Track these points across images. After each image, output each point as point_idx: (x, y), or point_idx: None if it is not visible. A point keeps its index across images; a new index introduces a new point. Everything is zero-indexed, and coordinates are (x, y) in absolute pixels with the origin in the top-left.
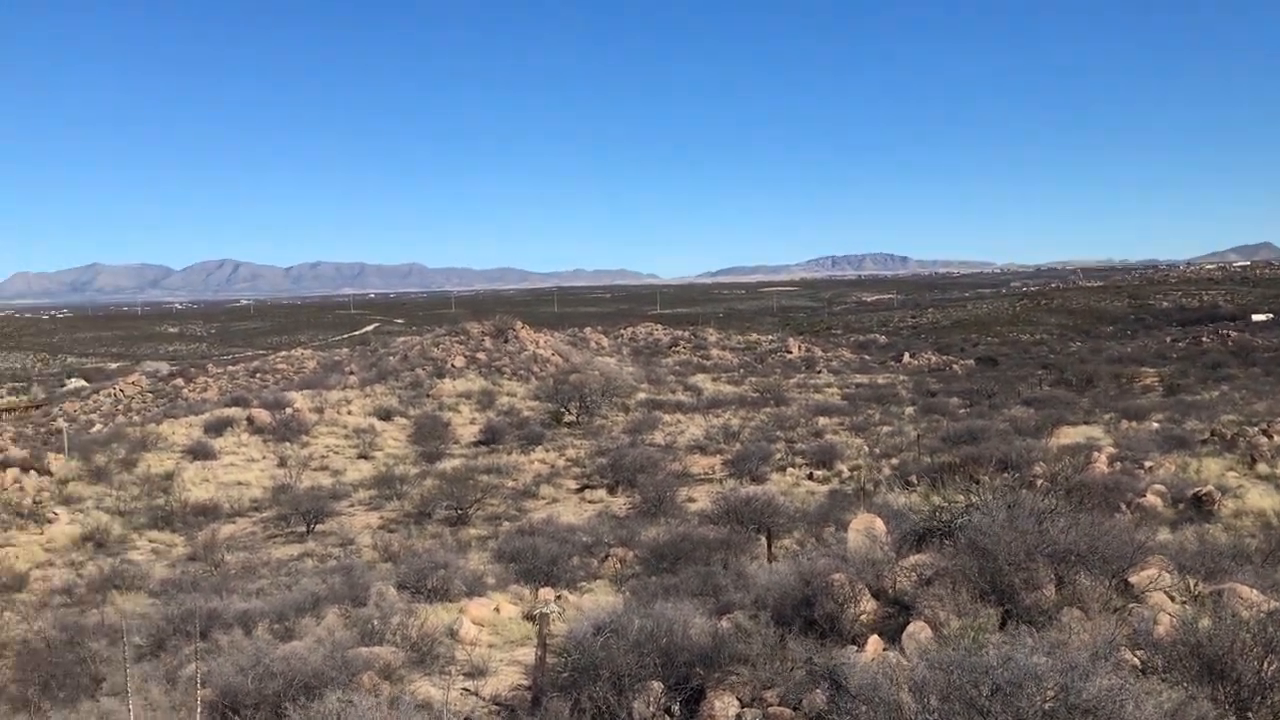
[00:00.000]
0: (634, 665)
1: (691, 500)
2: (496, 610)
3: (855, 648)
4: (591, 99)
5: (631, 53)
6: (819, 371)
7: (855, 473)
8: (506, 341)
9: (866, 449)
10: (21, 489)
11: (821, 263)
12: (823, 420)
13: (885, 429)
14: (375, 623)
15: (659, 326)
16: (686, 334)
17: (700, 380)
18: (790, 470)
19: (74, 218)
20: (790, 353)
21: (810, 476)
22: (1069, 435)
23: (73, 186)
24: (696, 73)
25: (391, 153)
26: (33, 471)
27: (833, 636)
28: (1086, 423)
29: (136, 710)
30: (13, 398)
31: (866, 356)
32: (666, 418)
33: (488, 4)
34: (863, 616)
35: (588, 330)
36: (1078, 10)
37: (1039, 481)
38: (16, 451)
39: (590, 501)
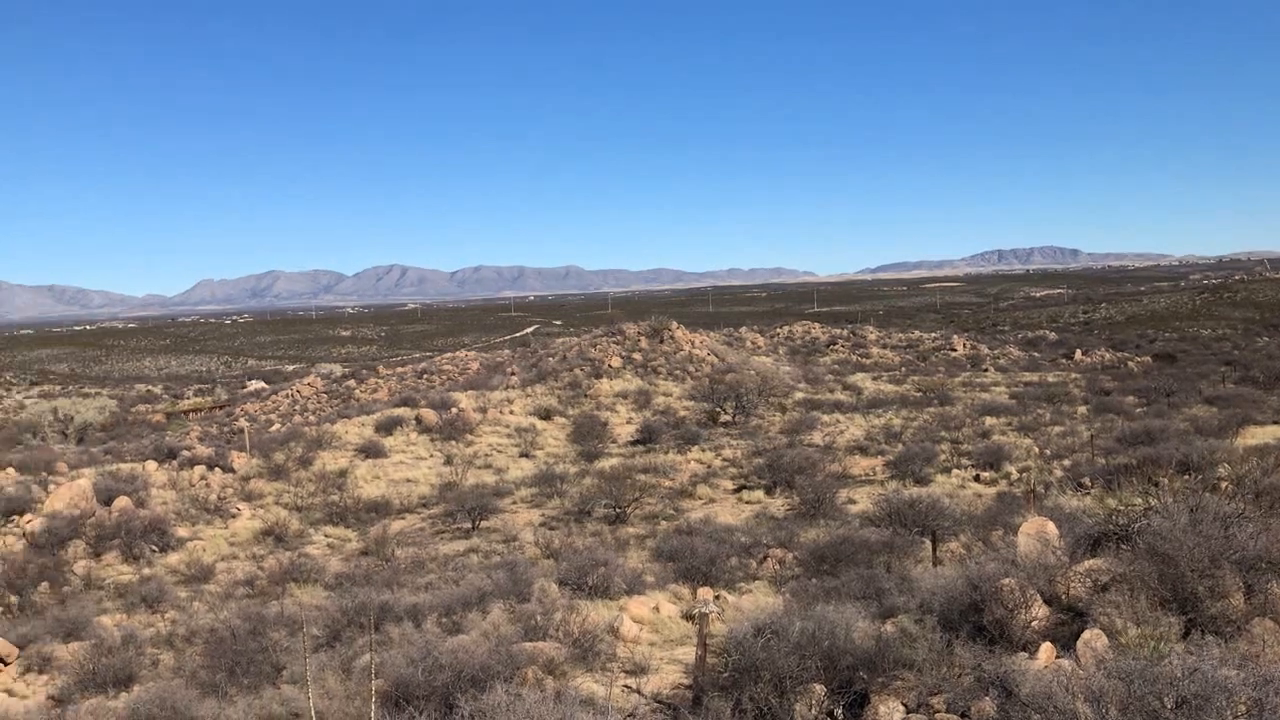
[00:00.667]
0: (795, 667)
1: (852, 502)
2: (656, 609)
3: (1026, 655)
4: (748, 97)
5: (789, 49)
6: (985, 370)
7: (1024, 474)
8: (662, 342)
9: (1036, 450)
10: (208, 485)
11: (987, 257)
12: (989, 420)
13: (1056, 429)
14: (538, 618)
15: (816, 325)
16: (845, 332)
17: (860, 379)
18: (955, 472)
19: (254, 228)
20: (954, 350)
21: (977, 478)
22: (1256, 435)
23: (253, 199)
24: (858, 68)
25: (550, 158)
26: (218, 469)
27: (1002, 643)
28: (1276, 422)
29: (315, 698)
30: (199, 398)
31: (1036, 354)
32: (825, 418)
33: (663, 9)
34: (1034, 623)
35: (743, 329)
36: None
37: (1224, 484)
38: (203, 450)
39: (747, 502)
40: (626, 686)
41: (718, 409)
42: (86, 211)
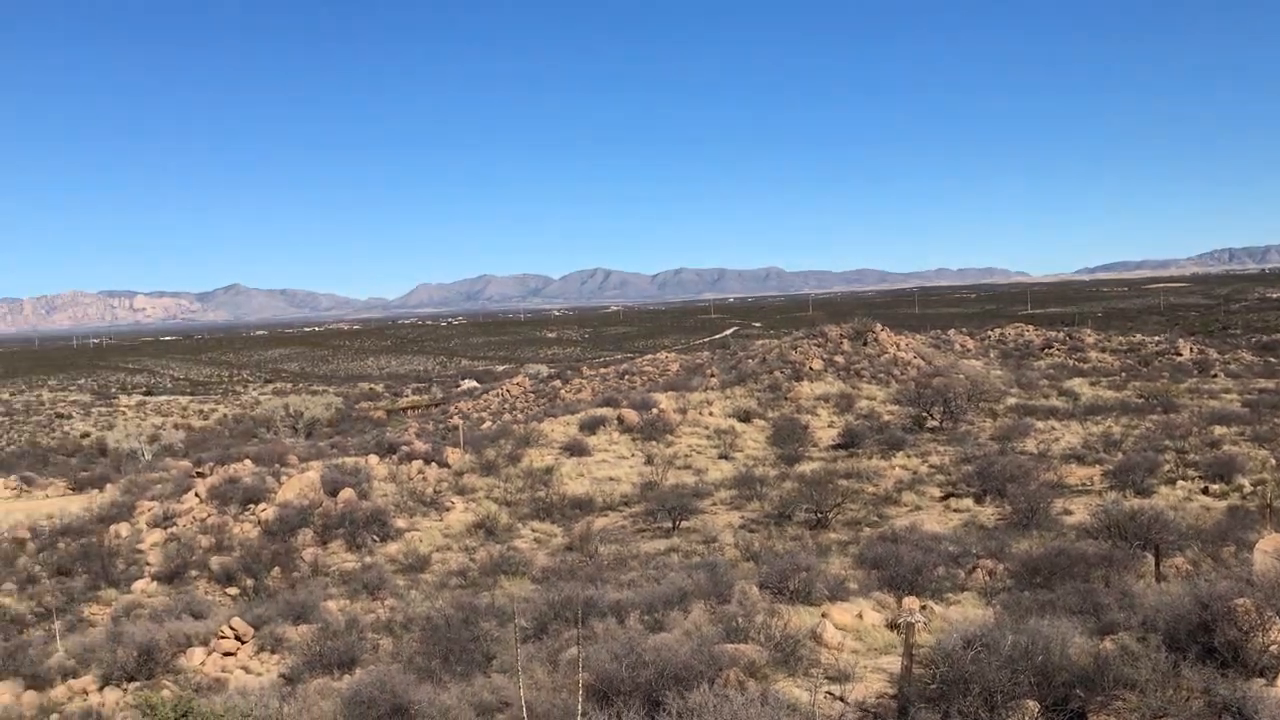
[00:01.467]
0: (1007, 682)
1: (1067, 513)
2: (859, 616)
3: (1263, 681)
4: (951, 95)
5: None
6: (1214, 375)
7: (1259, 488)
8: (865, 344)
9: (1273, 462)
10: (425, 479)
11: (1216, 256)
12: (1219, 429)
13: None
14: (739, 620)
15: (1029, 327)
16: (1060, 335)
17: (1076, 385)
18: (1181, 483)
19: (468, 234)
20: (1180, 355)
21: (1205, 491)
22: None
23: (465, 205)
24: (1080, 63)
25: (751, 160)
26: (434, 464)
27: (1235, 667)
28: None
29: (524, 689)
30: (416, 396)
31: (1272, 359)
32: (1039, 424)
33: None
34: (1272, 647)
35: (951, 332)
36: None
37: None
38: (420, 445)
39: (955, 510)
40: (830, 693)
41: (924, 413)
42: (317, 220)
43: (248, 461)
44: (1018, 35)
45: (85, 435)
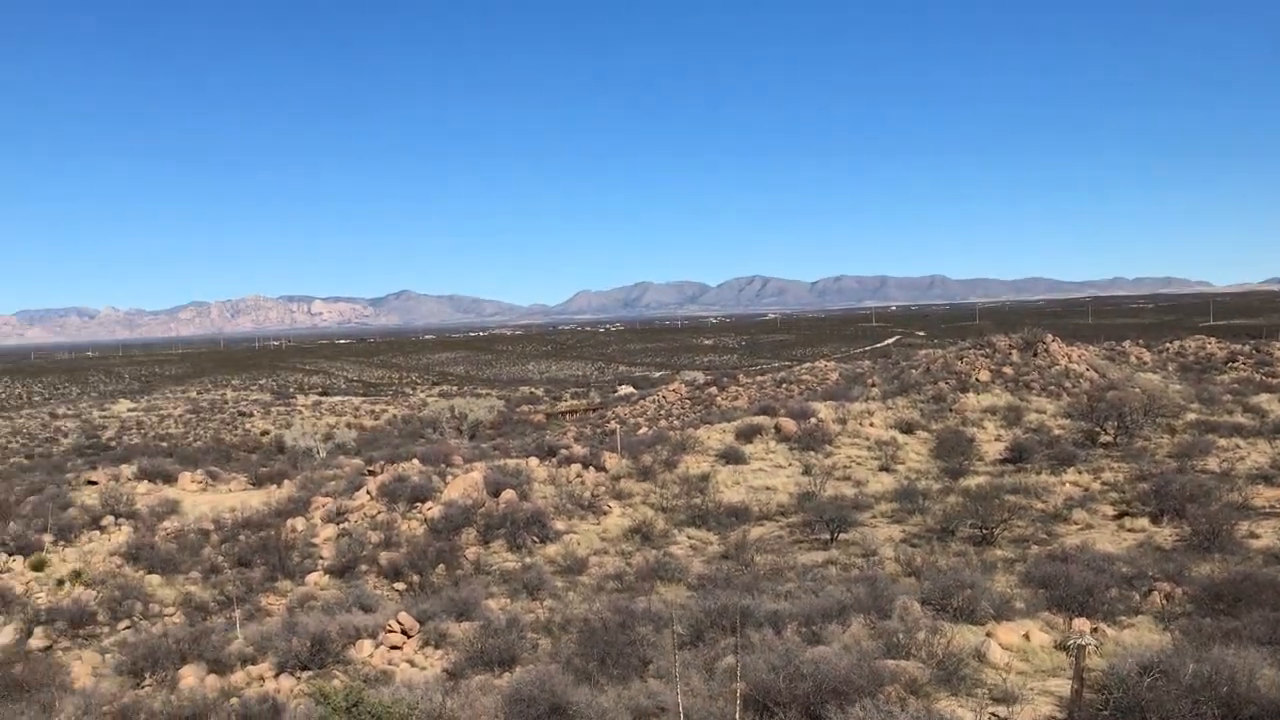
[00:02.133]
0: (1188, 712)
1: (1254, 536)
2: (1026, 637)
3: None
4: (1131, 100)
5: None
6: None
7: None
8: (1035, 355)
9: None
10: (583, 482)
11: None
12: None
13: None
14: (900, 636)
15: (1211, 339)
16: (1246, 348)
17: (1265, 401)
18: None
19: (627, 242)
20: None
21: None
22: None
23: (624, 216)
24: (1271, 62)
25: (915, 164)
26: (591, 467)
27: None
28: None
29: (681, 695)
30: (575, 401)
31: None
32: (1222, 442)
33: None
34: None
35: (1126, 343)
36: None
37: None
38: (579, 449)
39: (1130, 530)
40: (994, 715)
41: (1097, 428)
42: (484, 228)
43: (415, 461)
44: (1198, 38)
45: (265, 433)
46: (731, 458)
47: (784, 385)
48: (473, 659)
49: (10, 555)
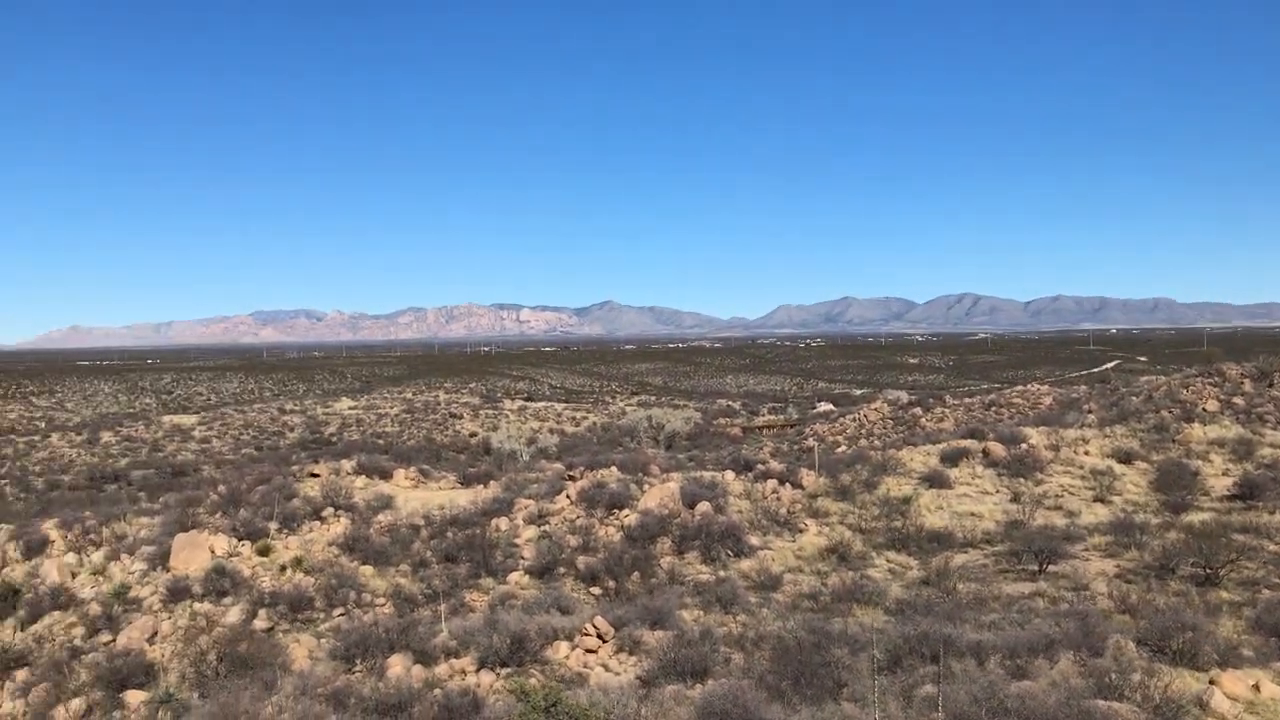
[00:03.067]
0: None
1: None
2: (1255, 687)
3: None
4: None
5: None
6: None
7: None
8: (1271, 385)
9: None
10: (779, 499)
11: None
12: None
13: None
14: (1112, 676)
15: None
16: None
17: None
18: None
19: (830, 256)
20: None
21: None
22: None
23: (828, 226)
24: None
25: (1139, 179)
26: (788, 484)
27: None
28: None
29: None
30: (772, 416)
31: None
32: None
33: None
34: None
35: None
36: None
37: None
38: (775, 465)
39: None
40: None
41: None
42: (686, 241)
43: (614, 468)
44: None
45: (473, 434)
46: (935, 481)
47: (993, 408)
48: (665, 668)
49: (240, 540)
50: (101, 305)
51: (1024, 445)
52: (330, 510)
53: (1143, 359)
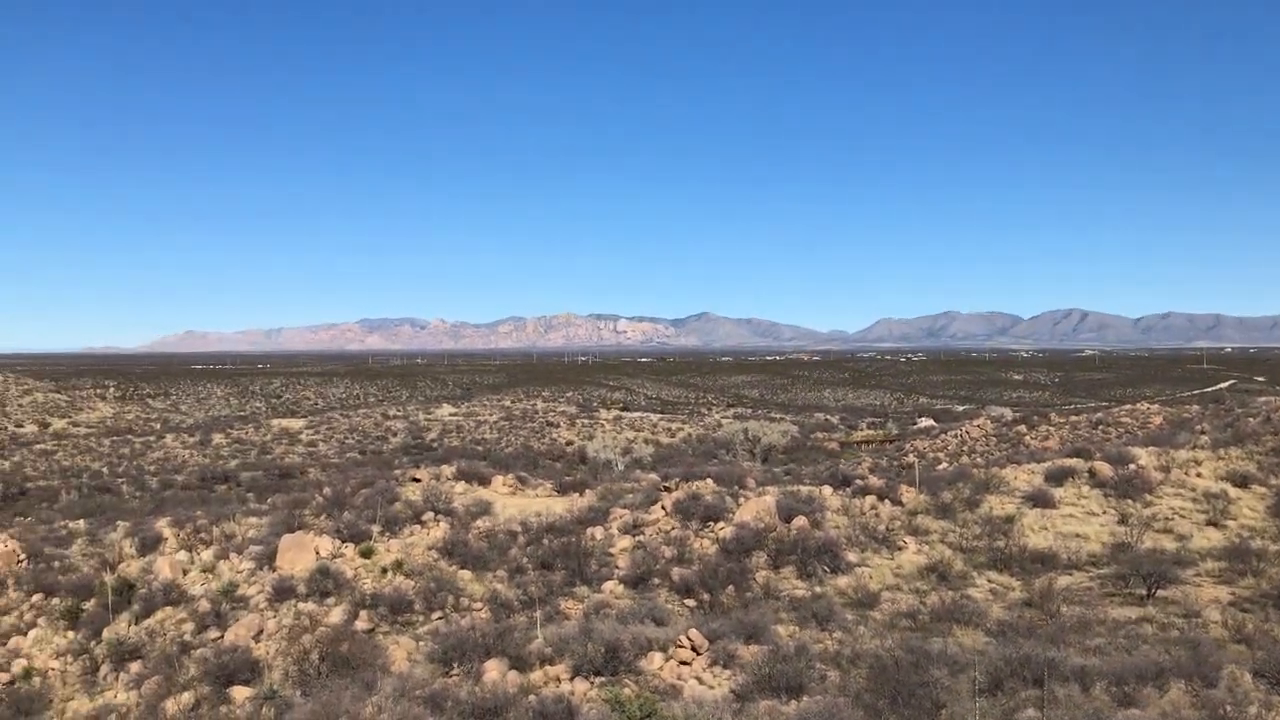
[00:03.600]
0: None
1: None
2: None
3: None
4: None
5: None
6: None
7: None
8: None
9: None
10: (877, 515)
11: None
12: None
13: None
14: (1227, 708)
15: None
16: None
17: None
18: None
19: (932, 269)
20: None
21: None
22: None
23: (930, 240)
24: None
25: (1257, 187)
26: (887, 500)
27: None
28: None
29: None
30: (871, 431)
31: None
32: None
33: None
34: None
35: None
36: None
37: None
38: (874, 480)
39: None
40: None
41: None
42: (783, 253)
43: (709, 481)
44: None
45: (569, 443)
46: (1039, 500)
47: (1100, 427)
48: (760, 683)
49: (344, 542)
50: (215, 311)
51: (1132, 466)
52: (430, 515)
53: (1260, 379)
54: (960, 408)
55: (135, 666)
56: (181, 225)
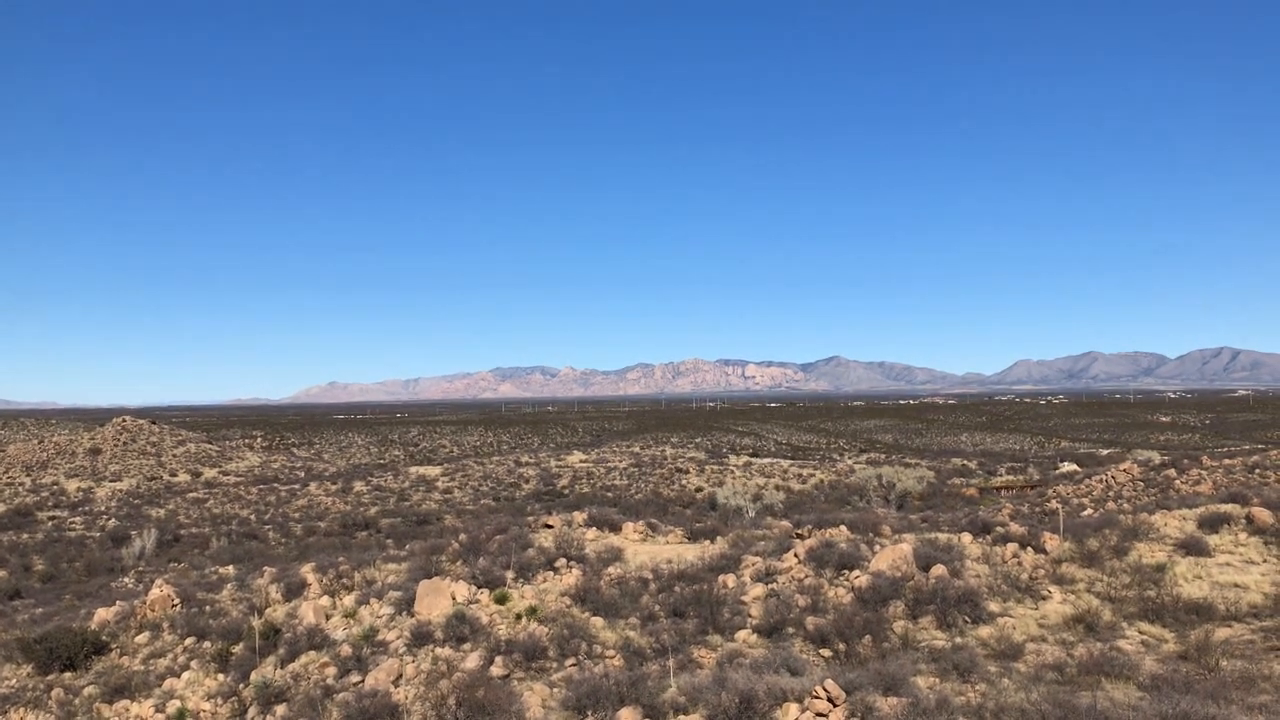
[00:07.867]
0: None
1: None
2: None
3: None
4: None
5: None
6: None
7: None
8: None
9: None
10: (1019, 563)
11: None
12: None
13: None
14: None
15: None
16: None
17: None
18: None
19: (1072, 308)
20: None
21: None
22: None
23: (1070, 280)
24: None
25: None
26: (1029, 548)
27: None
28: None
29: None
30: (1011, 476)
31: None
32: None
33: None
34: None
35: None
36: None
37: None
38: (1016, 528)
39: None
40: None
41: None
42: (915, 295)
43: (843, 528)
44: None
45: (699, 490)
46: (1192, 548)
47: (1256, 470)
48: None
49: (479, 588)
50: (357, 362)
51: None
52: (563, 561)
53: None
54: (1104, 451)
55: (281, 709)
56: (326, 281)
